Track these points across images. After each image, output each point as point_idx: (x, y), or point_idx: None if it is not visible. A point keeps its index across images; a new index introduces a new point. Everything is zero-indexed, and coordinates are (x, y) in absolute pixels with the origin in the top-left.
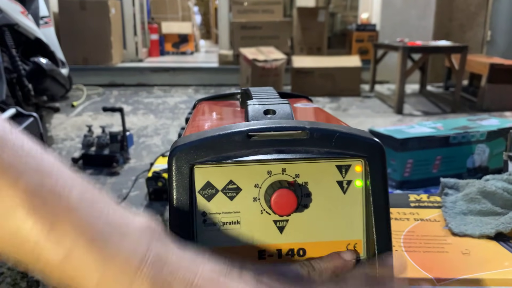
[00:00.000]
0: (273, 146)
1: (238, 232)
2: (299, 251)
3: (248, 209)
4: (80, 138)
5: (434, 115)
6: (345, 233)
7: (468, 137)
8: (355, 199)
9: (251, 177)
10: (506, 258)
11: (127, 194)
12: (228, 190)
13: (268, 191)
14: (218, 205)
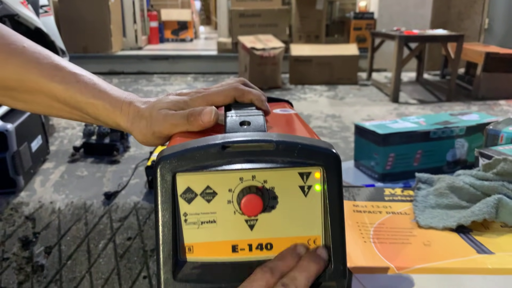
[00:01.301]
0: (244, 156)
1: (214, 230)
2: (267, 245)
3: (223, 210)
4: (81, 126)
5: (430, 104)
6: (306, 230)
7: (448, 132)
8: (315, 201)
9: (225, 183)
10: (463, 248)
11: (127, 182)
12: (206, 194)
13: (239, 195)
14: (197, 207)
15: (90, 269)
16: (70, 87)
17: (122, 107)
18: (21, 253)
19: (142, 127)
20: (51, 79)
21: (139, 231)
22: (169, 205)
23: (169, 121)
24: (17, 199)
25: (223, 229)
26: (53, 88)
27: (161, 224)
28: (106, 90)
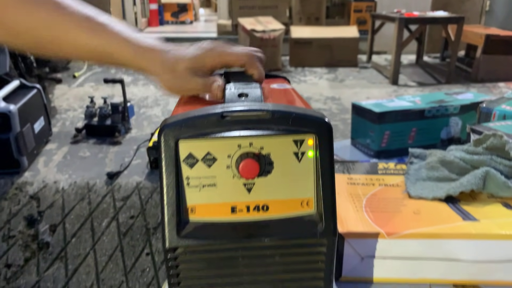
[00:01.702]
0: (242, 125)
1: (215, 192)
2: (263, 207)
3: (222, 174)
4: (83, 108)
5: (429, 86)
6: (300, 192)
7: (442, 111)
8: (308, 166)
9: (224, 149)
10: (450, 216)
11: (129, 162)
12: (206, 160)
13: (237, 160)
14: (198, 171)
15: (94, 247)
16: (97, 35)
17: (148, 54)
18: (27, 231)
19: (165, 78)
20: (80, 28)
21: (142, 210)
22: (172, 170)
23: (188, 85)
24: (21, 179)
25: (222, 191)
26: (81, 37)
27: (165, 187)
28: (132, 38)
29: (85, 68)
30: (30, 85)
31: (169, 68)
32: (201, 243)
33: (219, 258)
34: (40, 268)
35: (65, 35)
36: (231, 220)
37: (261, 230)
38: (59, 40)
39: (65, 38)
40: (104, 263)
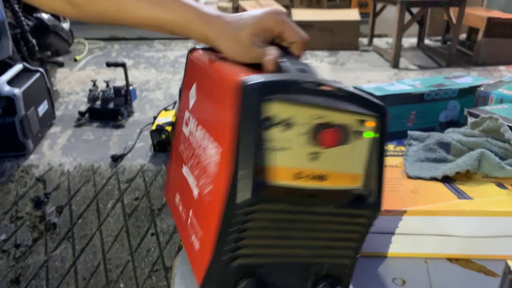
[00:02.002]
0: (321, 96)
1: (286, 157)
2: (322, 177)
3: (296, 140)
4: (85, 92)
5: (429, 69)
6: (353, 168)
7: (441, 94)
8: (364, 145)
9: (303, 116)
10: (446, 195)
11: (133, 145)
12: (284, 124)
13: (314, 129)
14: (275, 134)
15: (100, 227)
16: (164, 6)
17: (215, 23)
18: (34, 212)
19: (230, 46)
20: (149, 7)
21: (146, 192)
22: (251, 129)
23: (250, 53)
24: (27, 161)
25: (292, 157)
26: (148, 7)
27: (242, 145)
28: (198, 7)
29: (86, 51)
30: (33, 68)
31: (234, 36)
32: (267, 203)
33: (279, 219)
34: (48, 248)
35: (131, 6)
36: (295, 185)
37: (318, 197)
38: (125, 10)
39: (130, 9)
40: (110, 243)
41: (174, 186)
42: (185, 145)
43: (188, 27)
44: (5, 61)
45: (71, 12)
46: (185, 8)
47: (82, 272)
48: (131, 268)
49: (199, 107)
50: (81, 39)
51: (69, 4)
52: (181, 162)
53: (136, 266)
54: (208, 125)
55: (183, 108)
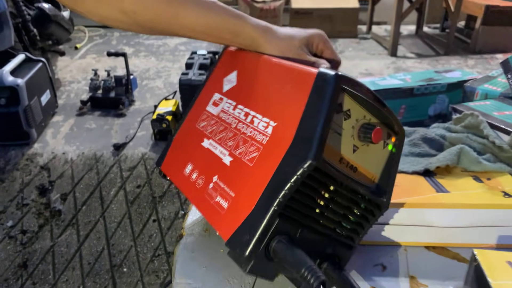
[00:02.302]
0: (372, 102)
1: (337, 139)
2: (354, 168)
3: (347, 131)
4: (86, 81)
5: (427, 58)
6: (373, 168)
7: (430, 89)
8: (385, 154)
9: (359, 113)
10: (425, 188)
11: (134, 134)
12: (346, 114)
13: (361, 126)
14: (338, 119)
15: (104, 214)
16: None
17: (260, 28)
18: (39, 199)
19: (279, 46)
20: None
21: (148, 180)
22: (331, 109)
23: (301, 56)
24: (31, 150)
25: (342, 143)
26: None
27: (323, 119)
28: (241, 14)
29: (86, 39)
30: (35, 58)
31: (285, 44)
32: (319, 173)
33: (321, 192)
34: (53, 234)
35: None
36: (336, 167)
37: (348, 184)
38: (177, 17)
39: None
40: (114, 229)
41: (183, 159)
42: (211, 122)
43: (238, 31)
44: (8, 51)
45: (125, 22)
46: (235, 15)
47: (87, 257)
48: (134, 253)
49: (241, 90)
50: (81, 27)
51: (123, 14)
52: (200, 136)
53: (139, 251)
54: (255, 105)
55: (210, 91)
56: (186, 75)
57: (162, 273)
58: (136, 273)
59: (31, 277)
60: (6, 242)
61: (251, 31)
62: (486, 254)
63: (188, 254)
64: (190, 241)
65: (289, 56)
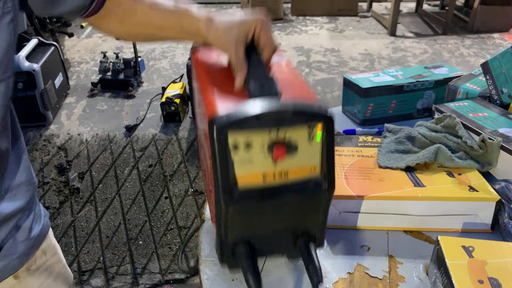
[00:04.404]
0: (271, 119)
1: (251, 166)
2: (284, 173)
3: (257, 154)
4: (94, 61)
5: (425, 37)
6: (309, 161)
7: (418, 85)
8: (316, 144)
9: (259, 138)
10: (405, 183)
11: (144, 115)
12: (246, 145)
13: (269, 145)
14: (241, 153)
15: (119, 191)
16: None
17: (203, 18)
18: (59, 178)
19: (219, 38)
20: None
21: (159, 159)
22: (223, 155)
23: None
24: (48, 131)
25: (257, 165)
26: (167, 21)
27: (220, 168)
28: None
29: None
30: (47, 42)
31: (224, 35)
32: (244, 202)
33: (254, 211)
34: (73, 210)
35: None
36: (263, 185)
37: (284, 191)
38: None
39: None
40: (129, 205)
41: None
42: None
43: (184, 25)
44: (21, 35)
45: (120, 30)
46: (183, 11)
47: (105, 231)
48: (148, 227)
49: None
50: None
51: (119, 22)
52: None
53: (153, 225)
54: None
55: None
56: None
57: (175, 245)
58: (151, 246)
59: None
60: None
61: (191, 23)
62: (446, 239)
63: (210, 236)
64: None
65: (228, 47)
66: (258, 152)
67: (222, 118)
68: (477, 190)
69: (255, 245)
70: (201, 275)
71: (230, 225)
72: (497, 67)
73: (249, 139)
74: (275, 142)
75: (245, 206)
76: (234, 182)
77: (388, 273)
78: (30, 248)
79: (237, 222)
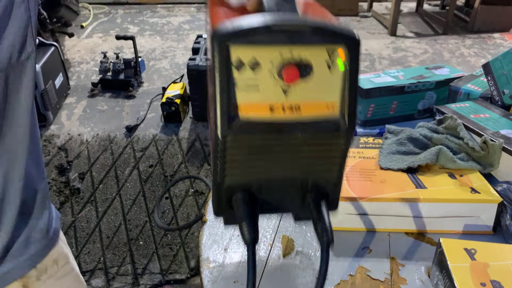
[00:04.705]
0: (284, 34)
1: (257, 93)
2: (296, 107)
3: (264, 78)
4: (94, 61)
5: (426, 37)
6: (328, 96)
7: (419, 86)
8: (337, 74)
9: (268, 56)
10: (407, 184)
11: (144, 116)
12: (252, 64)
13: (279, 66)
14: (245, 74)
15: (120, 192)
16: None
17: None
18: (59, 178)
19: None
20: None
21: (159, 160)
22: (224, 71)
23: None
24: (48, 131)
25: (263, 93)
26: None
27: (218, 87)
28: None
29: (91, 17)
30: (48, 42)
31: None
32: (245, 134)
33: (257, 147)
34: (74, 210)
35: None
36: (269, 118)
37: (294, 127)
38: None
39: None
40: (129, 206)
41: None
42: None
43: None
44: None
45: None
46: None
47: (106, 231)
48: (148, 227)
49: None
50: (85, 4)
51: None
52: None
53: (153, 226)
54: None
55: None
56: (193, 61)
57: (175, 246)
58: (151, 246)
59: None
60: None
61: None
62: (448, 242)
63: (211, 237)
64: (212, 225)
65: None
66: (266, 76)
67: (224, 28)
68: (479, 191)
69: (256, 195)
70: (202, 276)
71: (228, 163)
72: (498, 68)
73: (256, 57)
74: (287, 62)
75: (246, 139)
76: (235, 108)
77: (390, 275)
78: (42, 251)
79: (236, 161)
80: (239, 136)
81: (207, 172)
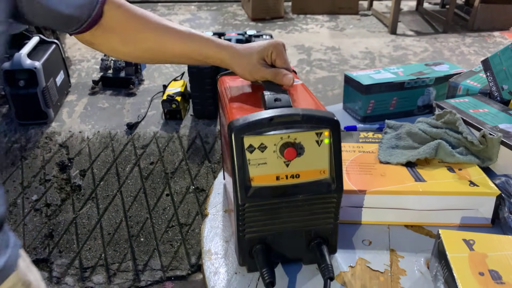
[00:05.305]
0: (283, 124)
1: (266, 168)
2: (296, 175)
3: (271, 156)
4: (95, 59)
5: (426, 36)
6: (319, 164)
7: (419, 82)
8: (325, 148)
9: (272, 141)
10: (406, 177)
11: (145, 113)
12: (260, 148)
13: (281, 147)
14: (256, 155)
15: (121, 189)
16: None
17: (230, 51)
18: (60, 175)
19: (242, 68)
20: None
21: (160, 157)
22: (240, 155)
23: (260, 73)
24: (49, 129)
25: (271, 167)
26: (184, 48)
27: (237, 166)
28: (216, 41)
29: None
30: (49, 40)
31: (246, 59)
32: (259, 199)
33: (269, 208)
34: (75, 207)
35: (168, 42)
36: (276, 184)
37: (295, 190)
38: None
39: (167, 44)
40: (130, 203)
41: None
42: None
43: (207, 54)
44: (23, 33)
45: (123, 51)
46: (204, 41)
47: (107, 228)
48: (149, 224)
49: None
50: None
51: (122, 44)
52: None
53: (154, 222)
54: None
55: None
56: None
57: (176, 242)
58: (152, 243)
59: (57, 246)
60: (32, 214)
61: (215, 53)
62: (447, 233)
63: (213, 230)
64: (213, 219)
65: (248, 70)
66: (271, 154)
67: (238, 121)
68: (478, 185)
69: (271, 246)
70: (204, 270)
71: (247, 222)
72: (497, 64)
73: (263, 142)
74: (286, 144)
75: (260, 203)
76: (249, 180)
77: (390, 267)
78: None
79: (253, 220)
80: (254, 200)
81: (207, 169)
